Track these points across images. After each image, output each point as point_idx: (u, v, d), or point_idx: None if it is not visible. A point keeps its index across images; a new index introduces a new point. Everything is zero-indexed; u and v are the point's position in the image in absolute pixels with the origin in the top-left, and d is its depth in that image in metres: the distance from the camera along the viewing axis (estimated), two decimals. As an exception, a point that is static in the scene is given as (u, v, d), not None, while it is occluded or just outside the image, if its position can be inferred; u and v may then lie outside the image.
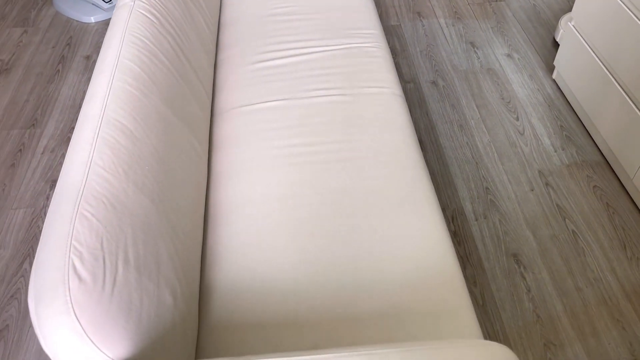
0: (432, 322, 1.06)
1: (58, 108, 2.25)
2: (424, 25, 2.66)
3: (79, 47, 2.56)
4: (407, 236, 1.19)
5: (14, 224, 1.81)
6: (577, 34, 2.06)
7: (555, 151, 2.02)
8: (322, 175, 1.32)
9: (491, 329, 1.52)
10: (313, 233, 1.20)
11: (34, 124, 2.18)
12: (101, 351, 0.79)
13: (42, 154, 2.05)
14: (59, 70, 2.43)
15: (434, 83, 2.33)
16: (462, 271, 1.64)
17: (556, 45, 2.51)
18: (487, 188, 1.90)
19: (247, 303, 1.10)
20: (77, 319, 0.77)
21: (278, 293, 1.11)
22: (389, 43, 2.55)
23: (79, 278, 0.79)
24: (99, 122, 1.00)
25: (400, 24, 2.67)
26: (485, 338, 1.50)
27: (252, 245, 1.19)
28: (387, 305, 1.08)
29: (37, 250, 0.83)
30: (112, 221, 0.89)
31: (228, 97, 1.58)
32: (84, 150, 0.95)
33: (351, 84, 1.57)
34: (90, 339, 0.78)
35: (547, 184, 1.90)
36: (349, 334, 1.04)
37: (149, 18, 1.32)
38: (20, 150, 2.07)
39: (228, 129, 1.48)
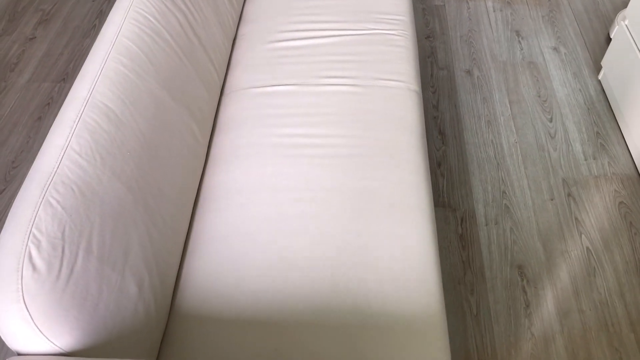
0: (400, 338, 1.04)
1: (89, 64, 2.28)
2: (469, 8, 2.52)
3: (117, 3, 2.57)
4: (391, 245, 1.16)
5: (32, 177, 1.88)
6: (629, 34, 1.90)
7: (586, 159, 1.91)
8: (317, 171, 1.29)
9: (480, 342, 1.49)
10: (297, 231, 1.19)
11: (64, 79, 2.22)
12: (49, 340, 0.81)
13: (68, 109, 2.10)
14: (95, 25, 2.46)
15: (469, 72, 2.22)
16: (462, 277, 1.60)
17: (609, 42, 2.34)
18: (504, 192, 1.82)
19: (220, 295, 1.11)
20: (27, 308, 0.79)
21: (252, 290, 1.11)
22: (429, 24, 2.44)
23: (33, 267, 0.81)
24: (84, 105, 1.01)
25: (444, 4, 2.54)
26: (472, 350, 1.47)
27: (236, 236, 1.19)
28: (357, 315, 1.06)
29: (0, 232, 0.85)
30: (79, 209, 0.90)
31: (241, 76, 1.55)
32: (63, 134, 0.96)
33: (366, 74, 1.52)
34: (38, 328, 0.80)
35: (569, 195, 1.81)
36: (312, 341, 1.03)
37: (158, -7, 1.29)
38: (48, 104, 2.13)
39: (234, 111, 1.46)
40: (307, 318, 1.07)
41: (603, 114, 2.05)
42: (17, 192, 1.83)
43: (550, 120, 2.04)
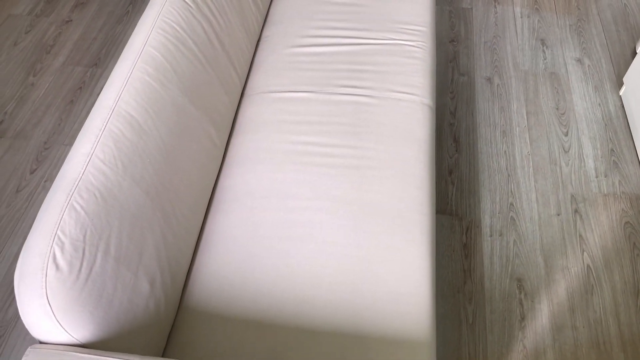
0: (388, 349, 1.11)
1: (121, 50, 2.37)
2: (496, 13, 2.52)
3: (151, -10, 2.64)
4: (389, 259, 1.22)
5: (62, 159, 1.99)
6: (652, 54, 1.90)
7: (597, 177, 1.93)
8: (326, 180, 1.35)
9: (473, 350, 1.55)
10: (302, 238, 1.26)
11: (96, 63, 2.32)
12: (68, 333, 0.91)
13: (98, 94, 2.19)
14: (128, 12, 2.54)
15: (489, 80, 2.24)
16: (462, 285, 1.66)
17: (635, 56, 2.32)
18: (511, 204, 1.86)
19: (225, 294, 1.19)
20: (49, 303, 0.89)
21: (255, 291, 1.19)
22: (454, 27, 2.45)
23: (57, 267, 0.90)
24: (109, 114, 1.09)
25: (471, 8, 2.55)
26: (464, 357, 1.54)
27: (244, 238, 1.27)
28: (349, 323, 1.14)
29: (29, 233, 0.94)
30: (100, 214, 0.98)
31: (261, 79, 1.62)
32: (89, 141, 1.04)
33: (382, 85, 1.57)
34: (58, 322, 0.89)
35: (576, 211, 1.84)
36: (306, 344, 1.12)
37: (185, 2, 1.36)
38: (80, 88, 2.23)
39: (252, 114, 1.53)
40: (304, 322, 1.15)
41: (620, 131, 2.06)
42: (48, 173, 1.94)
43: (566, 134, 2.06)
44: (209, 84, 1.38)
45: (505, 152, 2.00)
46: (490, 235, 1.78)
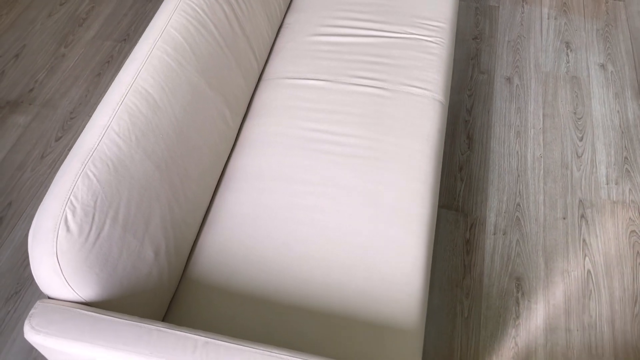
0: (377, 333, 1.16)
1: (150, 27, 2.43)
2: (523, 12, 2.51)
3: (183, -31, 2.69)
4: (385, 247, 1.27)
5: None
6: (674, 65, 1.89)
7: (607, 183, 1.93)
8: (332, 168, 1.40)
9: (465, 343, 1.59)
10: (304, 222, 1.31)
11: (125, 39, 2.39)
12: (74, 290, 0.98)
13: (125, 69, 2.27)
14: (159, -10, 2.60)
15: (509, 80, 2.25)
16: (460, 280, 1.70)
17: (660, 65, 2.30)
18: (518, 204, 1.88)
19: (227, 268, 1.25)
20: (58, 262, 0.95)
21: (255, 268, 1.25)
22: (479, 25, 2.45)
23: (68, 229, 0.97)
24: (127, 90, 1.15)
25: (498, 6, 2.54)
26: (456, 350, 1.58)
27: (249, 217, 1.33)
28: (341, 305, 1.19)
29: (46, 195, 1.01)
30: (111, 183, 1.05)
31: (279, 65, 1.66)
32: (106, 114, 1.10)
33: (395, 78, 1.60)
34: (66, 280, 0.96)
35: (582, 216, 1.85)
36: (298, 322, 1.17)
37: (209, -14, 1.41)
38: (108, 62, 2.30)
39: (267, 98, 1.57)
40: (298, 301, 1.20)
41: (636, 140, 2.05)
42: (72, 141, 2.03)
43: (581, 139, 2.06)
44: (227, 67, 1.43)
45: (517, 152, 2.02)
46: (494, 233, 1.81)
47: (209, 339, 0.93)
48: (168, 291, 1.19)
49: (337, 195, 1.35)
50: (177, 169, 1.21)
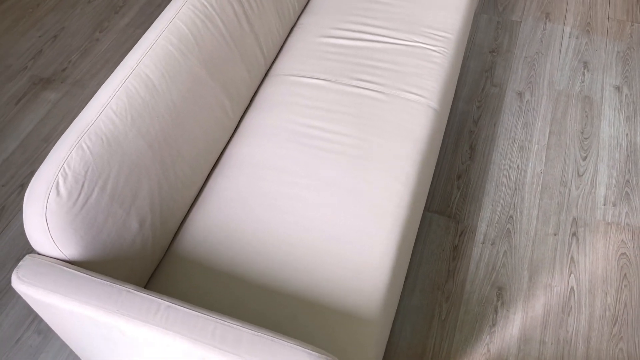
0: (337, 318, 1.23)
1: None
2: (544, 29, 2.53)
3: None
4: (357, 240, 1.33)
5: (109, 110, 2.20)
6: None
7: (604, 204, 1.94)
8: (320, 162, 1.47)
9: (438, 344, 1.64)
10: (286, 210, 1.39)
11: (155, 28, 2.52)
12: (59, 249, 1.09)
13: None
14: (193, -16, 2.72)
15: (520, 95, 2.27)
16: (443, 284, 1.75)
17: (677, 92, 2.28)
18: (511, 216, 1.91)
19: (209, 247, 1.35)
20: (47, 222, 1.06)
21: (234, 249, 1.34)
22: (497, 39, 2.48)
23: (58, 192, 1.08)
24: (129, 73, 1.25)
25: (520, 21, 2.56)
26: (429, 349, 1.63)
27: (235, 201, 1.42)
28: (308, 290, 1.26)
29: (44, 160, 1.12)
30: (103, 156, 1.15)
31: (286, 63, 1.75)
32: (107, 94, 1.21)
33: (394, 83, 1.66)
34: (52, 239, 1.07)
35: (574, 234, 1.87)
36: (266, 301, 1.25)
37: (221, -17, 1.50)
38: (137, 48, 2.43)
39: (270, 93, 1.66)
40: (269, 282, 1.28)
41: (641, 164, 2.05)
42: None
43: (584, 159, 2.07)
44: (231, 61, 1.52)
45: (518, 166, 2.05)
46: (483, 242, 1.85)
47: (171, 304, 1.03)
48: (151, 261, 1.29)
49: (320, 188, 1.43)
50: (169, 150, 1.31)
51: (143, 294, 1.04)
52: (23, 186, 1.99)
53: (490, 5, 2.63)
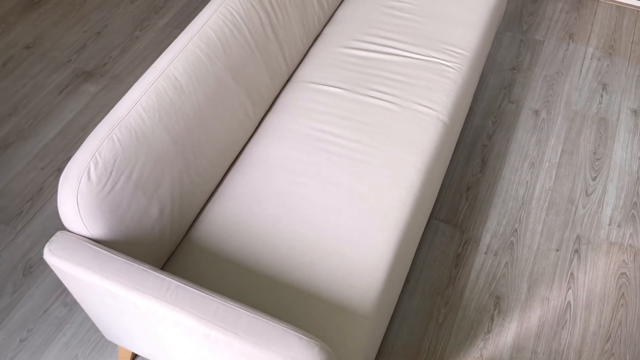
0: (331, 312, 1.33)
1: (215, 22, 2.70)
2: (567, 50, 2.58)
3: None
4: (357, 240, 1.43)
5: (143, 104, 2.35)
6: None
7: (609, 224, 1.99)
8: (329, 166, 1.58)
9: (433, 346, 1.72)
10: (293, 208, 1.50)
11: (192, 30, 2.66)
12: (86, 228, 1.22)
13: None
14: (230, -11, 2.86)
15: (536, 113, 2.33)
16: (443, 289, 1.83)
17: (695, 119, 2.30)
18: (515, 229, 1.98)
19: (222, 237, 1.47)
20: (77, 203, 1.20)
21: (243, 241, 1.45)
22: (519, 56, 2.55)
23: (89, 177, 1.21)
24: (160, 74, 1.38)
25: (544, 40, 2.62)
26: (423, 350, 1.71)
27: (250, 197, 1.53)
28: (307, 283, 1.37)
29: (79, 148, 1.26)
30: (131, 148, 1.28)
31: (307, 70, 1.86)
32: (138, 92, 1.34)
33: (407, 96, 1.75)
34: (81, 218, 1.21)
35: (576, 251, 1.93)
36: (266, 291, 1.36)
37: (250, -5, 1.63)
38: (173, 48, 2.58)
39: (290, 98, 1.78)
40: (273, 273, 1.39)
41: (650, 188, 2.09)
42: (128, 114, 2.31)
43: (594, 179, 2.12)
44: (255, 66, 1.64)
45: (527, 182, 2.11)
46: (485, 253, 1.92)
47: (181, 284, 1.15)
48: (168, 247, 1.42)
49: (328, 190, 1.53)
50: (192, 146, 1.43)
51: (157, 273, 1.16)
52: (60, 170, 2.15)
53: (515, 24, 2.70)
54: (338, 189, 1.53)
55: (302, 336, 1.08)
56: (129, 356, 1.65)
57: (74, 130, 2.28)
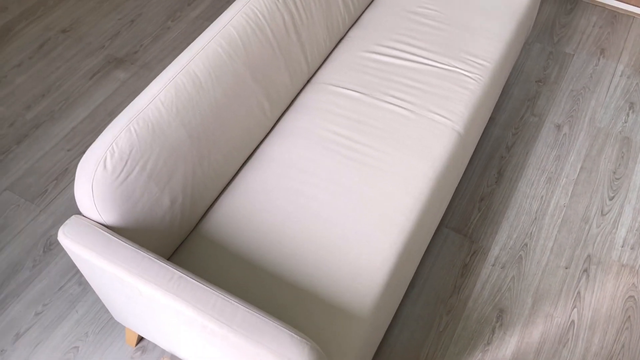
0: (331, 312, 1.36)
1: None
2: (597, 65, 2.54)
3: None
4: (362, 243, 1.46)
5: (169, 94, 2.41)
6: None
7: (622, 246, 1.97)
8: (341, 168, 1.61)
9: (432, 353, 1.74)
10: (302, 206, 1.54)
11: (222, 23, 2.71)
12: (99, 214, 1.28)
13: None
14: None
15: (558, 127, 2.31)
16: (447, 298, 1.84)
17: None
18: (525, 244, 1.97)
19: (230, 232, 1.51)
20: (92, 190, 1.25)
21: (251, 236, 1.49)
22: (547, 69, 2.52)
23: (105, 166, 1.26)
24: (180, 69, 1.43)
25: (574, 54, 2.58)
26: (422, 357, 1.73)
27: (261, 193, 1.57)
28: (309, 282, 1.40)
29: (98, 137, 1.31)
30: (147, 140, 1.33)
31: (328, 72, 1.89)
32: (158, 86, 1.39)
33: (424, 104, 1.76)
34: (95, 205, 1.26)
35: (585, 270, 1.91)
36: (268, 287, 1.40)
37: (275, -4, 1.66)
38: (203, 40, 2.63)
39: (308, 99, 1.81)
40: (277, 270, 1.43)
41: (669, 212, 2.06)
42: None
43: (611, 199, 2.10)
44: (275, 67, 1.68)
45: (542, 197, 2.10)
46: (493, 265, 1.93)
47: (183, 275, 1.19)
48: (177, 237, 1.47)
49: (337, 192, 1.56)
50: (207, 141, 1.48)
51: (162, 263, 1.21)
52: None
53: (546, 35, 2.67)
54: (347, 191, 1.56)
55: (294, 335, 1.12)
56: (136, 338, 1.71)
57: (101, 115, 2.36)
